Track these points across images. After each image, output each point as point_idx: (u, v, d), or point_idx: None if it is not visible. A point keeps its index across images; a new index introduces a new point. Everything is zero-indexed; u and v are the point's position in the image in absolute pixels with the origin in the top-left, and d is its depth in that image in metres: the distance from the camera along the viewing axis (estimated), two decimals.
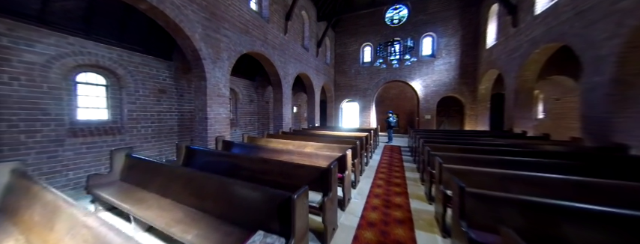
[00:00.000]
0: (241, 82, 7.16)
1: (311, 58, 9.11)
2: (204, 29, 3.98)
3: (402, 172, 4.65)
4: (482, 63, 8.38)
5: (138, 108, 4.08)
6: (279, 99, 7.04)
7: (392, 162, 5.51)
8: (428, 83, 9.95)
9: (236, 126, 6.99)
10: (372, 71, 11.20)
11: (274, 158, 3.34)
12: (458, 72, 9.29)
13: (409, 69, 10.29)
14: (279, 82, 6.89)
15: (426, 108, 10.05)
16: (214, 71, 4.29)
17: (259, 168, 2.93)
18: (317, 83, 9.81)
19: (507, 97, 6.43)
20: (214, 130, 4.33)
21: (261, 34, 5.79)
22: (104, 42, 3.55)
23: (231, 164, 3.11)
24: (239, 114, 7.11)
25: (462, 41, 9.16)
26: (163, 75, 4.55)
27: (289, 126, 7.43)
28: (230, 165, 3.11)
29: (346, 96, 11.99)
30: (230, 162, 3.14)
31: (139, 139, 4.10)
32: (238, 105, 7.07)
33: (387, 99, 13.05)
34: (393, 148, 7.66)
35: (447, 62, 9.49)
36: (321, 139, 5.19)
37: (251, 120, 7.63)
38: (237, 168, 3.02)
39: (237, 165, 3.05)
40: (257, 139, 5.07)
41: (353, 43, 11.59)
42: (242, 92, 7.16)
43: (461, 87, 9.26)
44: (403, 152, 7.05)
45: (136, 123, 4.06)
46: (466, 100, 9.25)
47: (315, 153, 3.39)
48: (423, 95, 10.08)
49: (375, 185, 3.76)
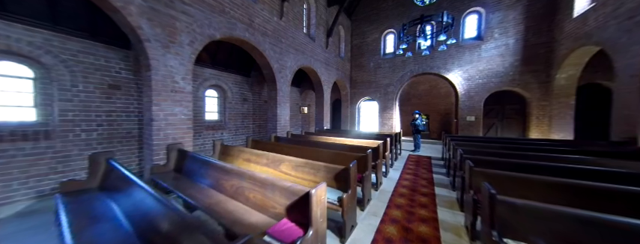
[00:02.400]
0: (231, 78, 6.20)
1: (318, 49, 7.76)
2: (145, 0, 2.98)
3: (433, 204, 2.94)
4: (563, 40, 5.87)
5: (76, 107, 3.29)
6: (274, 98, 5.86)
7: (417, 184, 3.79)
8: (471, 74, 7.66)
9: (223, 130, 6.04)
10: (396, 63, 9.30)
11: (211, 189, 2.09)
12: (519, 57, 6.84)
13: (444, 58, 8.13)
14: (273, 77, 5.71)
15: (468, 108, 7.76)
16: (166, 59, 3.26)
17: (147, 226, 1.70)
18: (327, 79, 8.41)
19: (618, 89, 4.06)
20: (166, 136, 3.30)
21: (244, 15, 4.67)
22: (20, 21, 2.79)
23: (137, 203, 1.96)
24: (228, 116, 6.15)
25: (525, 14, 6.71)
26: (117, 67, 3.73)
27: (287, 129, 6.19)
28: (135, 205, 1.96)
29: (364, 95, 10.29)
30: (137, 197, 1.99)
31: (78, 146, 3.30)
32: (227, 105, 6.11)
33: (414, 97, 10.89)
34: (420, 160, 5.78)
35: (501, 44, 7.10)
36: (311, 151, 3.79)
37: (244, 122, 6.63)
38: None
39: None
40: (230, 149, 3.93)
41: (372, 32, 9.86)
42: (232, 90, 6.19)
43: (524, 78, 6.79)
44: (435, 166, 5.15)
45: (73, 126, 3.27)
46: (532, 96, 6.73)
47: (275, 183, 2.01)
48: (463, 90, 7.82)
49: (380, 241, 2.19)
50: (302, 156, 3.76)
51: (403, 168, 4.94)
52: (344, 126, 10.83)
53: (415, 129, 7.04)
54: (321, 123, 8.47)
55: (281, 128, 5.98)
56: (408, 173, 4.58)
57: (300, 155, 3.81)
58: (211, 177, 2.67)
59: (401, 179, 4.15)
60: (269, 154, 3.33)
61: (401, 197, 3.28)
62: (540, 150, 3.76)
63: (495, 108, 7.99)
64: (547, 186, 2.03)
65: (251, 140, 4.80)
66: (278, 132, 5.84)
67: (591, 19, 4.78)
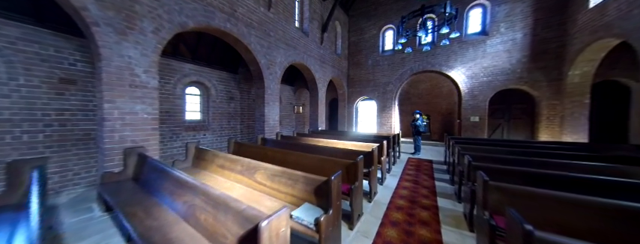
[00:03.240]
0: (215, 74, 5.71)
1: (312, 44, 7.27)
2: None
3: (436, 222, 2.43)
4: (577, 33, 5.39)
5: (15, 104, 2.80)
6: (261, 96, 5.37)
7: (417, 194, 3.29)
8: (475, 71, 7.17)
9: (206, 131, 5.55)
10: (395, 61, 8.81)
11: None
12: (527, 52, 6.35)
13: (446, 54, 7.64)
14: (261, 74, 5.22)
15: (471, 107, 7.27)
16: (121, 47, 2.77)
17: None
18: (321, 77, 7.92)
19: None
20: (122, 138, 2.80)
21: (224, 3, 4.18)
22: None
23: None
24: (211, 116, 5.65)
25: (534, 6, 6.21)
26: (71, 59, 3.24)
27: (276, 130, 5.70)
28: None
29: (362, 94, 9.80)
30: None
31: (17, 150, 2.81)
32: (211, 104, 5.62)
33: (414, 96, 10.40)
34: (420, 165, 5.28)
35: (508, 40, 6.61)
36: (297, 156, 3.30)
37: (231, 122, 6.13)
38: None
39: None
40: (205, 153, 3.44)
41: (370, 27, 9.38)
42: (216, 87, 5.70)
43: (532, 75, 6.29)
44: (437, 171, 4.65)
45: (11, 127, 2.78)
46: (541, 94, 6.23)
47: (229, 205, 1.51)
48: (467, 89, 7.33)
49: None
50: (286, 161, 3.28)
51: (402, 174, 4.44)
52: (341, 126, 10.33)
53: (416, 131, 6.55)
54: (316, 123, 7.97)
55: (269, 129, 5.49)
56: (407, 179, 4.08)
57: (284, 160, 3.32)
58: (166, 189, 2.17)
59: (399, 187, 3.65)
60: (245, 160, 2.84)
61: (398, 210, 2.78)
62: (556, 156, 3.27)
63: (501, 107, 7.50)
64: (588, 209, 1.54)
65: (233, 142, 4.31)
66: (266, 133, 5.35)
67: (612, 9, 4.28)
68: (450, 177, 4.23)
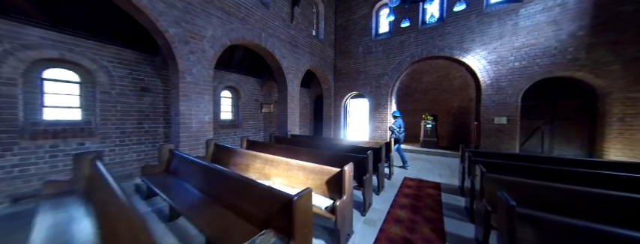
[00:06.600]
0: (107, 52, 3.88)
1: (276, 21, 5.45)
2: None
3: None
4: None
5: None
6: (176, 86, 3.57)
7: None
8: (502, 54, 5.13)
9: (92, 137, 3.75)
10: (391, 45, 6.86)
11: None
12: (586, 22, 4.25)
13: (459, 33, 5.62)
14: (172, 52, 3.42)
15: (496, 104, 5.22)
16: None
17: None
18: (292, 65, 6.08)
19: None
20: None
21: None
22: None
23: None
24: (100, 114, 3.85)
25: None
26: None
27: (206, 136, 3.87)
28: None
29: (351, 89, 7.89)
30: None
31: None
32: (99, 97, 3.81)
33: (416, 92, 8.38)
34: (421, 190, 3.29)
35: (554, 5, 4.54)
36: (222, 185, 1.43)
37: (144, 124, 4.30)
38: None
39: None
40: None
41: (361, 5, 7.47)
42: (110, 72, 3.88)
43: (595, 55, 4.20)
44: (447, 204, 2.65)
45: None
46: (610, 84, 4.12)
47: None
48: (489, 79, 5.29)
49: None
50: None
51: (387, 212, 2.49)
52: (327, 130, 8.43)
53: (394, 138, 4.63)
54: (285, 126, 6.12)
55: (190, 134, 3.67)
56: (399, 223, 2.14)
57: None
58: None
59: None
60: None
61: None
62: None
63: (541, 105, 5.35)
64: None
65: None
66: (181, 141, 3.53)
67: None
68: (469, 217, 2.27)
